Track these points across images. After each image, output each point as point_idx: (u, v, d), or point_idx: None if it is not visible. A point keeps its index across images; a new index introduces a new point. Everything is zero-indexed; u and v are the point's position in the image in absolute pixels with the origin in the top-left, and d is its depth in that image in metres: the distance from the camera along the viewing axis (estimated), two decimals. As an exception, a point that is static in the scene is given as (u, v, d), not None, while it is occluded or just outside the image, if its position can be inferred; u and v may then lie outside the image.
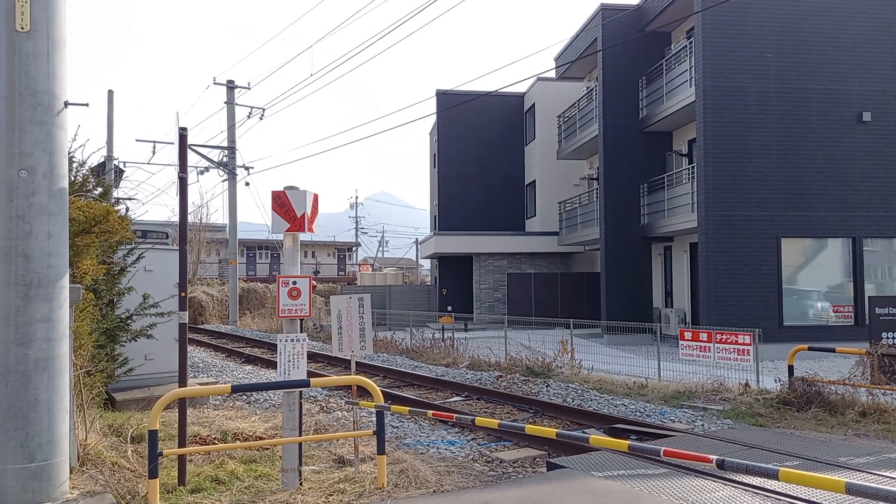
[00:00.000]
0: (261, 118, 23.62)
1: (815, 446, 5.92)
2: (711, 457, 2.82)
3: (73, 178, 6.99)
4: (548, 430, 3.87)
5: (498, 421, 4.26)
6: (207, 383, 9.81)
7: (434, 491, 4.92)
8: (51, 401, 4.22)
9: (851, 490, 2.37)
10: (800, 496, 4.28)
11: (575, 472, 4.97)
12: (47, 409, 4.20)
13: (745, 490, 4.50)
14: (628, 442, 3.33)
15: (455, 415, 4.67)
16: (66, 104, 4.38)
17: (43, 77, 4.24)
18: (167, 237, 10.37)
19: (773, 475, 2.61)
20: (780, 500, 4.31)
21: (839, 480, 2.45)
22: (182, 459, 5.00)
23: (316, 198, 5.25)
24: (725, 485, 4.60)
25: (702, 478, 4.77)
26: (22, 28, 4.17)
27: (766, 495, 4.38)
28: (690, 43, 16.65)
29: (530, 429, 4.00)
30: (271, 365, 13.02)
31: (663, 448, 3.14)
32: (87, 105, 4.52)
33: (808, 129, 15.76)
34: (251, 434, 6.67)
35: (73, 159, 7.36)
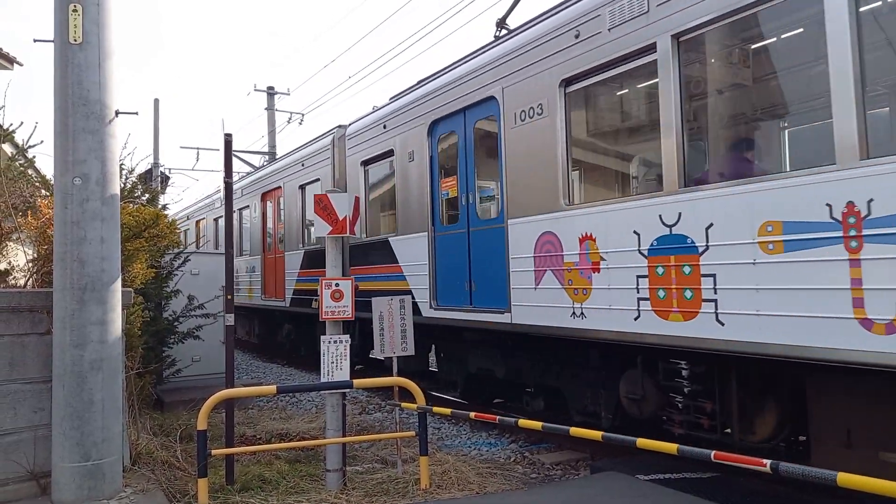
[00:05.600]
0: (300, 123, 24.04)
1: None
2: (765, 461, 2.74)
3: (122, 185, 7.20)
4: (593, 433, 3.82)
5: (541, 423, 4.22)
6: (251, 384, 9.99)
7: (477, 492, 4.91)
8: (105, 401, 4.35)
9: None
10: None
11: (620, 476, 4.89)
12: (101, 409, 4.33)
13: (803, 492, 4.37)
14: (677, 445, 3.26)
15: (498, 417, 4.65)
16: (117, 113, 4.52)
17: (95, 87, 4.38)
18: None
19: (832, 480, 2.52)
20: (835, 506, 4.17)
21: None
22: (230, 459, 5.09)
23: (357, 200, 5.30)
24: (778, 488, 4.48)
25: (754, 481, 4.65)
26: (75, 40, 4.32)
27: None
28: None
29: (575, 431, 3.95)
30: (313, 367, 13.17)
31: (714, 451, 3.07)
32: (136, 114, 4.66)
33: None
34: (295, 434, 6.77)
35: (123, 166, 7.58)
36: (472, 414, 4.96)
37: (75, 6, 4.30)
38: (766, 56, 4.77)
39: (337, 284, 5.07)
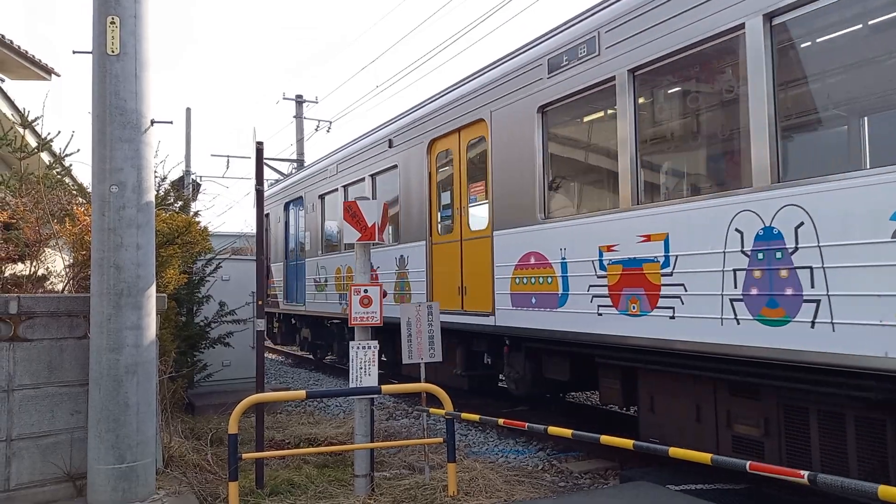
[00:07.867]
0: (328, 131, 24.37)
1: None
2: (803, 472, 2.68)
3: (156, 192, 7.34)
4: (624, 441, 3.77)
5: (571, 431, 4.19)
6: (280, 389, 10.09)
7: (505, 500, 4.88)
8: (139, 404, 4.43)
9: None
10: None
11: (650, 485, 4.82)
12: (136, 413, 4.40)
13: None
14: (710, 455, 3.21)
15: (527, 423, 4.62)
16: (153, 122, 4.61)
17: (131, 97, 4.49)
18: None
19: (872, 493, 2.46)
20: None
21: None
22: (260, 463, 5.14)
23: (386, 207, 5.34)
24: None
25: (789, 493, 4.55)
26: (112, 51, 4.42)
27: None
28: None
29: (605, 439, 3.91)
30: (341, 372, 13.25)
31: (749, 462, 3.01)
32: (171, 123, 4.76)
33: None
34: (323, 439, 6.81)
35: (156, 174, 7.74)
36: (501, 420, 4.94)
37: (113, 18, 4.41)
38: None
39: (366, 290, 5.11)
